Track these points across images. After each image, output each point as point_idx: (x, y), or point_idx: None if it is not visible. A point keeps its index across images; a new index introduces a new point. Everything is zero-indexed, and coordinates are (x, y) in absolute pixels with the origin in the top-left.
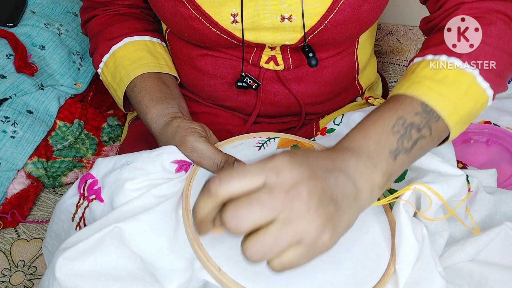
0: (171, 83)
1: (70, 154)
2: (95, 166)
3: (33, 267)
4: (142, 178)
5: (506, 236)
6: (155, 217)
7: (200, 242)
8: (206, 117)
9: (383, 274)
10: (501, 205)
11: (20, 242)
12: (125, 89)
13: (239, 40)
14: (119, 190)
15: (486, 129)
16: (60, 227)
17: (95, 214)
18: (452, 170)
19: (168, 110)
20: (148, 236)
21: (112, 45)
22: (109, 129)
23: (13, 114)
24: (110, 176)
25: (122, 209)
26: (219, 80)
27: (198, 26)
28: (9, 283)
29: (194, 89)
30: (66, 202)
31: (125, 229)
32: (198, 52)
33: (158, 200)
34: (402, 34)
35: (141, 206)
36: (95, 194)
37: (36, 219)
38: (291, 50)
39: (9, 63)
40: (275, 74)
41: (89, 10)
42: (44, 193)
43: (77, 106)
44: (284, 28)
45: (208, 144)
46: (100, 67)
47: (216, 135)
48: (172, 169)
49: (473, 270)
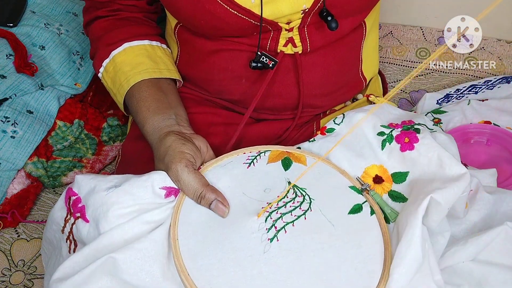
0: (169, 90)
1: (70, 154)
2: (75, 183)
3: (33, 267)
4: (132, 202)
5: (507, 236)
6: (148, 245)
7: (187, 272)
8: (208, 117)
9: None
10: (501, 205)
11: (20, 242)
12: (124, 95)
13: (258, 19)
14: (105, 215)
15: (486, 129)
16: (52, 236)
17: (81, 234)
18: (457, 167)
19: (164, 122)
20: (141, 264)
21: (112, 50)
22: (109, 129)
23: (13, 114)
24: (94, 197)
25: (114, 235)
26: (229, 73)
27: (214, 9)
28: (9, 283)
29: (202, 84)
30: (56, 214)
31: (118, 259)
32: (210, 47)
33: (150, 226)
34: (402, 34)
35: (133, 233)
36: (80, 213)
37: (36, 219)
38: (308, 29)
39: (9, 63)
40: (291, 61)
41: (91, 10)
42: (44, 193)
43: (77, 106)
44: None
45: (193, 174)
46: (100, 72)
47: (217, 134)
48: (162, 194)
49: (473, 269)
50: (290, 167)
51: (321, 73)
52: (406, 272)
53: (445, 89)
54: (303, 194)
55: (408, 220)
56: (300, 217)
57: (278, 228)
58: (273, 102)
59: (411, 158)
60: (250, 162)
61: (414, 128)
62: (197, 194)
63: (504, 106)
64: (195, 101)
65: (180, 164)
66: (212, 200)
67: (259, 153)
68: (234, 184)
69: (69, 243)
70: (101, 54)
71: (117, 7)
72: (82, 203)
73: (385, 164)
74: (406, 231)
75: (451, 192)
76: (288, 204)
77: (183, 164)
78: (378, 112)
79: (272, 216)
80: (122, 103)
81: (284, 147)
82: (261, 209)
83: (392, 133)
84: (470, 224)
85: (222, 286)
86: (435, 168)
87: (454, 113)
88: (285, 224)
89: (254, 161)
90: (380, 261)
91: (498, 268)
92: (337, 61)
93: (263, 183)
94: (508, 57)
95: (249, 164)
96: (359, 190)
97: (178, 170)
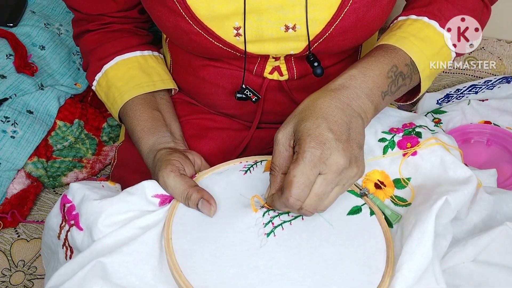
0: (163, 105)
1: (70, 154)
2: (70, 191)
3: (33, 267)
4: (125, 209)
5: (507, 236)
6: (137, 248)
7: (180, 270)
8: (207, 122)
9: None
10: (501, 205)
11: (20, 242)
12: (119, 111)
13: (242, 52)
14: (96, 223)
15: (486, 129)
16: (50, 241)
17: (76, 242)
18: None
19: (158, 141)
20: (130, 267)
21: (103, 64)
22: (109, 129)
23: (13, 114)
24: (86, 205)
25: (107, 241)
26: (221, 89)
27: (200, 41)
28: (9, 283)
29: (196, 96)
30: (52, 220)
31: (106, 263)
32: (200, 63)
33: (142, 231)
34: None
35: (125, 238)
36: (74, 220)
37: (36, 219)
38: (295, 59)
39: (9, 63)
40: (278, 84)
41: (81, 23)
42: (44, 193)
43: (77, 106)
44: (288, 38)
45: (178, 178)
46: (94, 85)
47: (212, 139)
48: (156, 202)
49: (473, 270)
50: None
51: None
52: (416, 269)
53: (445, 89)
54: None
55: (419, 218)
56: (297, 217)
57: (275, 224)
58: (270, 118)
59: (413, 164)
60: (247, 169)
61: (415, 132)
62: (183, 196)
63: (504, 106)
64: (189, 106)
65: (165, 170)
66: (198, 199)
67: (256, 162)
68: (230, 187)
69: (65, 249)
70: (93, 68)
71: (108, 20)
72: (76, 210)
73: (387, 170)
74: (417, 228)
75: (461, 195)
76: None
77: (168, 170)
78: (378, 116)
79: (269, 213)
80: (117, 117)
81: None
82: (258, 206)
83: (393, 138)
84: (470, 225)
85: (217, 281)
86: (438, 172)
87: (454, 113)
88: (282, 222)
89: (250, 169)
90: (382, 258)
91: (498, 268)
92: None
93: (260, 188)
94: (508, 57)
95: (246, 172)
96: (358, 194)
97: (164, 176)
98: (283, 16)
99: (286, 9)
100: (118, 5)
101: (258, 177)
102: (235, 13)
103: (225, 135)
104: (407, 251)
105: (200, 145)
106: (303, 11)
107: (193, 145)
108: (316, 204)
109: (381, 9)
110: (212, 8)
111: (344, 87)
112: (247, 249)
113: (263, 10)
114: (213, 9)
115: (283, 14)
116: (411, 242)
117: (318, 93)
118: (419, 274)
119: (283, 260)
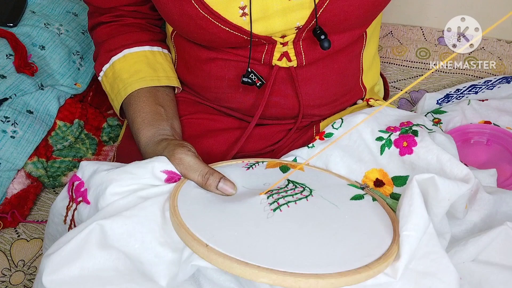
0: (166, 100)
1: (70, 154)
2: (80, 168)
3: (33, 267)
4: (130, 181)
5: (507, 236)
6: (138, 212)
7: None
8: (207, 123)
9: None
10: (501, 205)
11: (20, 242)
12: (122, 102)
13: (249, 34)
14: (103, 192)
15: (486, 129)
16: (55, 230)
17: (82, 216)
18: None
19: (158, 132)
20: (130, 230)
21: (112, 56)
22: (109, 129)
23: (13, 114)
24: (95, 177)
25: (108, 209)
26: (226, 82)
27: (206, 25)
28: (9, 283)
29: (199, 90)
30: (58, 205)
31: (105, 225)
32: (206, 56)
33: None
34: (402, 34)
35: (126, 205)
36: (82, 196)
37: (36, 219)
38: (303, 43)
39: (9, 63)
40: (287, 73)
41: (95, 15)
42: (44, 193)
43: (77, 106)
44: (293, 7)
45: (196, 158)
46: (100, 75)
47: (212, 138)
48: (162, 178)
49: (473, 270)
50: (288, 171)
51: (320, 84)
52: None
53: (445, 89)
54: (304, 186)
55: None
56: (302, 199)
57: (280, 204)
58: (273, 112)
59: (410, 162)
60: (249, 166)
61: (412, 130)
62: (203, 173)
63: (504, 106)
64: (192, 105)
65: (182, 148)
66: (220, 178)
67: (257, 162)
68: (233, 180)
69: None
70: (102, 59)
71: (120, 13)
72: (85, 186)
73: (385, 168)
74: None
75: (453, 184)
76: (288, 192)
77: (186, 149)
78: (376, 116)
79: (274, 196)
80: (118, 109)
81: (281, 160)
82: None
83: (390, 137)
84: (470, 225)
85: (224, 239)
86: (435, 171)
87: (454, 113)
88: (287, 202)
89: (252, 166)
90: (389, 232)
91: (498, 268)
92: (336, 72)
93: (262, 179)
94: (508, 57)
95: (248, 168)
96: (359, 187)
97: (181, 153)
98: None
99: None
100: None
101: (261, 173)
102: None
103: (227, 136)
104: (402, 216)
105: (201, 147)
106: None
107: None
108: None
109: None
110: None
111: None
112: (253, 218)
113: None
114: None
115: None
116: (403, 208)
117: None
118: (420, 234)
119: (291, 229)
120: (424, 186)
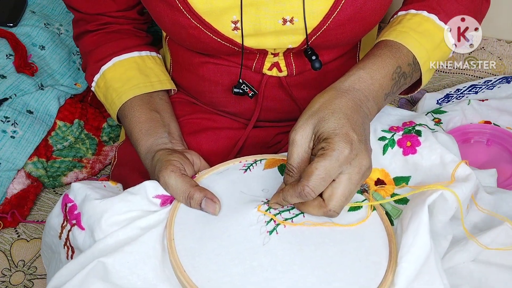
0: (162, 105)
1: (70, 154)
2: (71, 190)
3: (33, 267)
4: (126, 209)
5: (507, 236)
6: (139, 248)
7: (183, 269)
8: (206, 122)
9: (380, 282)
10: (501, 205)
11: (20, 242)
12: (117, 112)
13: (240, 46)
14: (99, 223)
15: (486, 129)
16: (51, 241)
17: (77, 242)
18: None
19: (156, 142)
20: (132, 267)
21: (101, 66)
22: (109, 129)
23: (13, 114)
24: (87, 205)
25: (108, 241)
26: (220, 86)
27: (198, 35)
28: (9, 283)
29: (194, 94)
30: (53, 220)
31: (107, 263)
32: (199, 60)
33: (143, 232)
34: None
35: (127, 238)
36: (76, 220)
37: (36, 219)
38: (294, 55)
39: (9, 63)
40: (277, 80)
41: (81, 23)
42: (44, 193)
43: (77, 106)
44: (286, 31)
45: (180, 178)
46: (93, 86)
47: (216, 140)
48: (157, 203)
49: (473, 270)
50: None
51: (316, 88)
52: (414, 260)
53: (445, 89)
54: None
55: (415, 210)
56: (298, 215)
57: (277, 222)
58: (270, 115)
59: (413, 162)
60: (246, 168)
61: (415, 130)
62: (185, 196)
63: (504, 106)
64: (189, 106)
65: (166, 170)
66: (201, 199)
67: (255, 161)
68: (231, 186)
69: (66, 249)
70: (92, 69)
71: (106, 20)
72: (78, 210)
73: (387, 168)
74: (412, 221)
75: (459, 191)
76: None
77: (169, 170)
78: (378, 115)
79: (270, 211)
80: (115, 118)
81: (280, 156)
82: (261, 202)
83: (393, 137)
84: (470, 225)
85: (221, 280)
86: (438, 171)
87: (454, 113)
88: (284, 219)
89: (250, 167)
90: (385, 253)
91: (498, 268)
92: (331, 76)
93: (261, 184)
94: (508, 57)
95: (246, 170)
96: (359, 190)
97: (165, 176)
98: (280, 8)
99: (284, 2)
100: (117, 5)
101: (258, 175)
102: (233, 6)
103: (224, 134)
104: (405, 244)
105: (199, 143)
106: (301, 3)
107: (191, 143)
108: (343, 204)
109: (379, 2)
110: (209, 1)
111: (354, 89)
112: (250, 247)
113: (261, 3)
114: (210, 3)
115: (280, 7)
116: (407, 235)
117: (331, 92)
118: (419, 266)
119: (286, 258)
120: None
